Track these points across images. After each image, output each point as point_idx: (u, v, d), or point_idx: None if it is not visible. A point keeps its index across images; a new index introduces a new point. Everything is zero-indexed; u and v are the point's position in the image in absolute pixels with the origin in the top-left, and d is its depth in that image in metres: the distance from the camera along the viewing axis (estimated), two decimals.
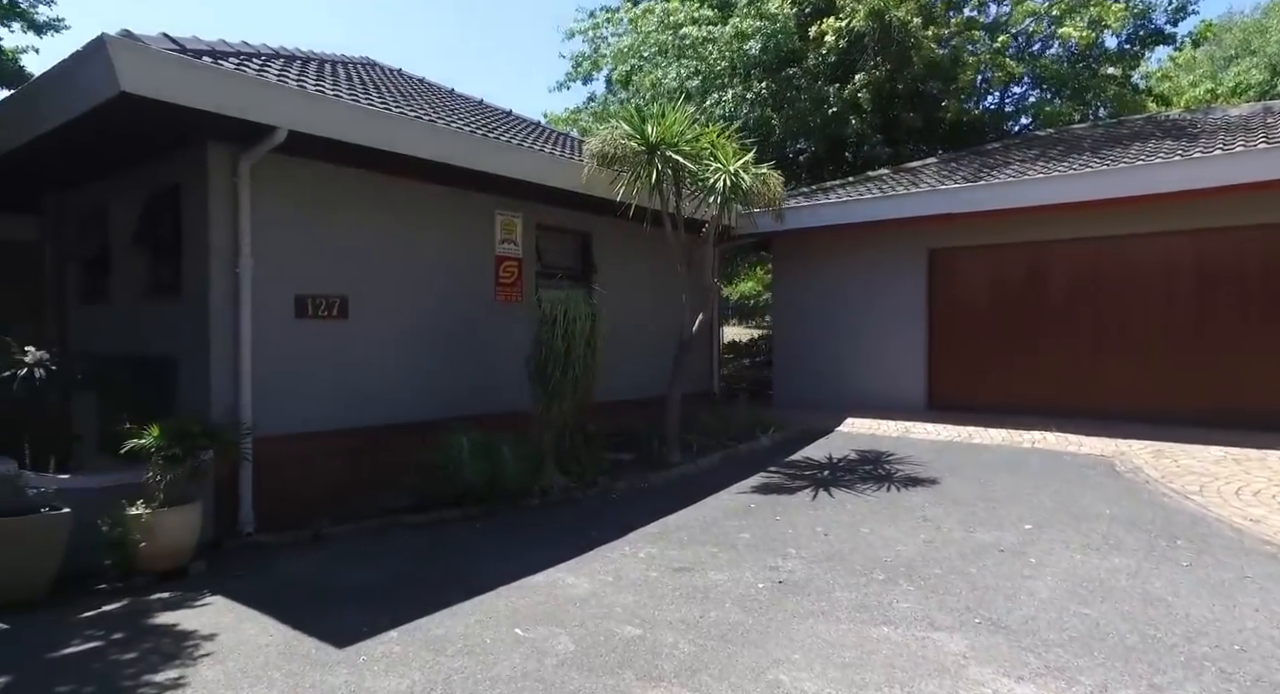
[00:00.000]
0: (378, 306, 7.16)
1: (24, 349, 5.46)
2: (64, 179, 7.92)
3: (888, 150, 13.29)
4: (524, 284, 8.69)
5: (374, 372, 7.13)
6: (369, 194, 7.10)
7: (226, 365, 6.10)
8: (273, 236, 6.33)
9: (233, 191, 6.11)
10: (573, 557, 5.37)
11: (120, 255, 7.35)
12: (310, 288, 6.66)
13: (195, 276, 6.22)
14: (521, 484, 6.86)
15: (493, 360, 8.26)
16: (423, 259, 7.59)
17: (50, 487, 4.99)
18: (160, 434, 5.14)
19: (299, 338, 6.57)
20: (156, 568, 5.12)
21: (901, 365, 10.64)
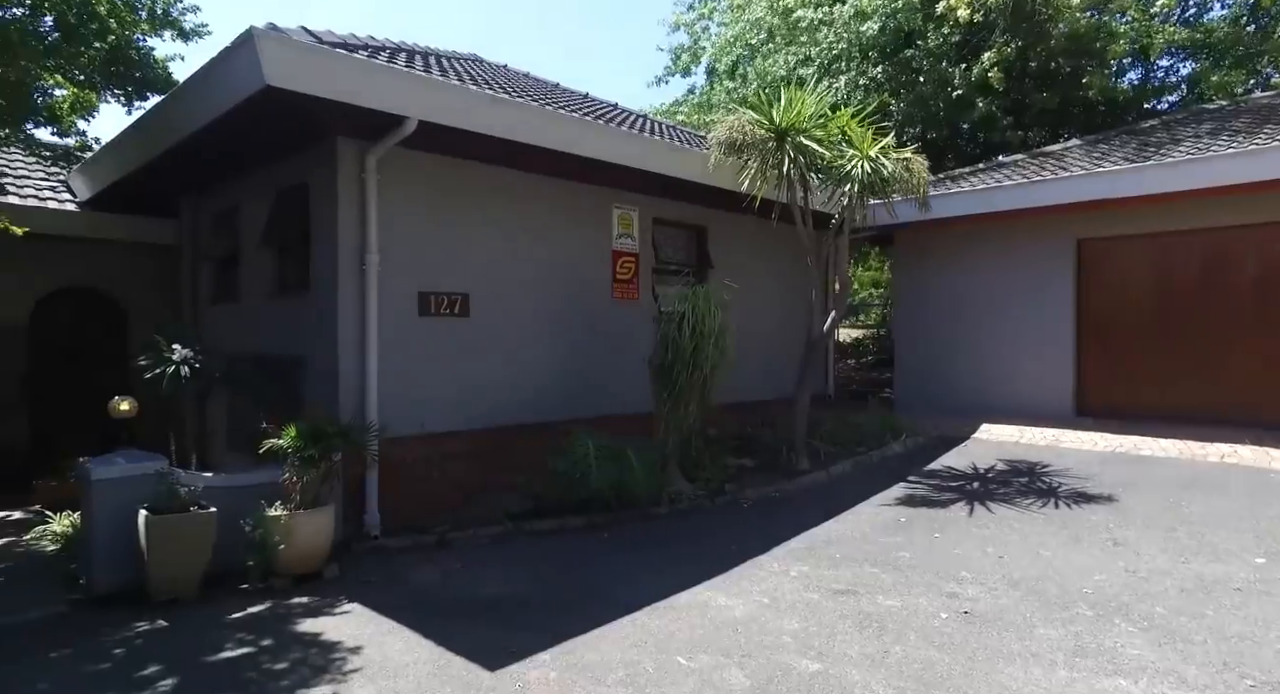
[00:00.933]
0: (497, 304, 6.95)
1: (171, 347, 5.48)
2: (200, 182, 8.11)
3: (1018, 134, 12.20)
4: (640, 281, 8.34)
5: (493, 371, 6.91)
6: (488, 188, 6.90)
7: (353, 364, 5.99)
8: (396, 232, 6.19)
9: (359, 187, 6.00)
10: (718, 573, 4.94)
11: (249, 255, 7.44)
12: (433, 285, 6.50)
13: (323, 273, 6.15)
14: (649, 491, 6.48)
15: (609, 360, 7.94)
16: (541, 255, 7.35)
17: (198, 485, 4.94)
18: (297, 435, 5.03)
19: (421, 336, 6.42)
20: (293, 570, 5.01)
21: (1044, 367, 9.68)
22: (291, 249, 7.04)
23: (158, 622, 4.40)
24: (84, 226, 8.62)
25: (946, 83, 12.13)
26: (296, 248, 6.92)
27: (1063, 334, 9.58)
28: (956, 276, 10.48)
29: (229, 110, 5.28)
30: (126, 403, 5.02)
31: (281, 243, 7.06)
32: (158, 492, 4.77)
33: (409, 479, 6.30)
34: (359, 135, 5.90)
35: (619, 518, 6.37)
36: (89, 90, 6.39)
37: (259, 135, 6.17)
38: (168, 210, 9.20)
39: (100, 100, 6.54)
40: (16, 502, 7.31)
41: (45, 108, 5.78)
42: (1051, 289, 9.64)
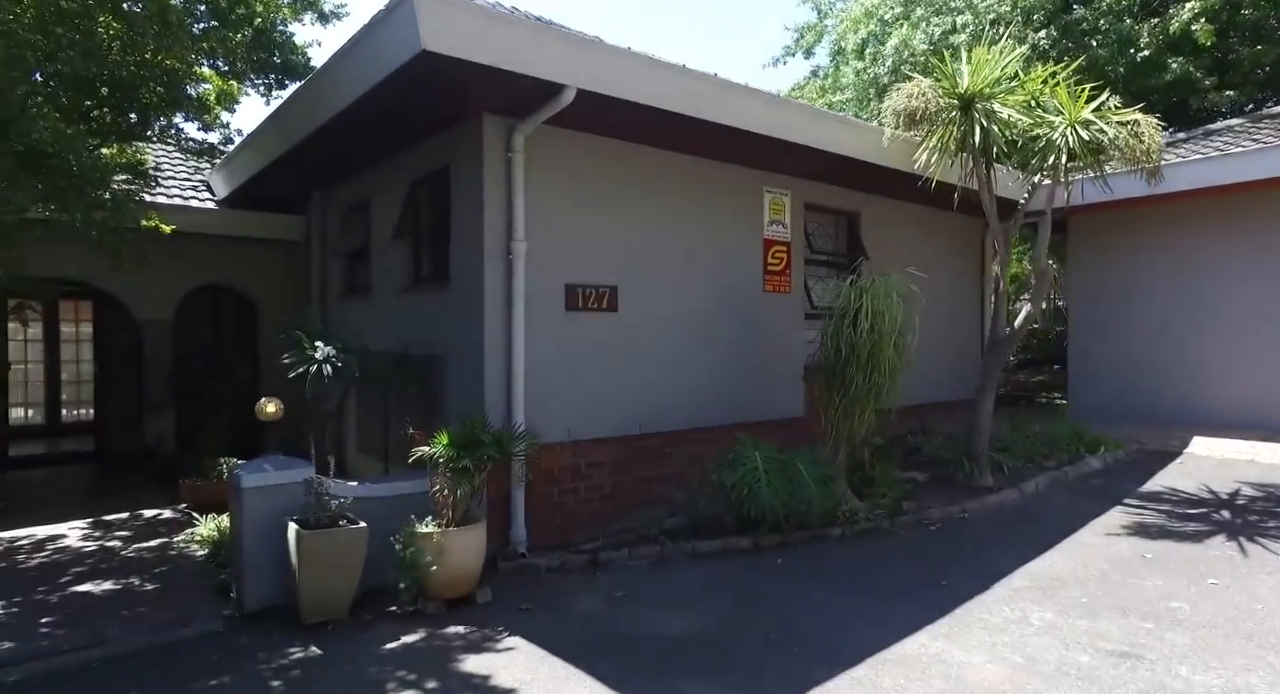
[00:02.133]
0: (644, 298, 6.30)
1: (314, 344, 5.12)
2: (329, 177, 7.89)
3: (1225, 96, 10.50)
4: (792, 272, 7.51)
5: (641, 372, 6.27)
6: (633, 170, 6.26)
7: (499, 363, 5.47)
8: (541, 219, 5.64)
9: (505, 168, 5.48)
10: (937, 615, 4.09)
11: (381, 249, 7.11)
12: (579, 276, 5.91)
13: (464, 265, 5.68)
14: (824, 510, 5.66)
15: (761, 360, 7.17)
16: (688, 244, 6.65)
17: (348, 495, 4.52)
18: (449, 443, 4.52)
19: (568, 333, 5.85)
20: (445, 594, 4.50)
21: (1276, 371, 8.16)
22: (427, 241, 6.65)
23: (311, 648, 3.96)
24: (222, 224, 8.61)
25: (1129, 43, 10.58)
26: (433, 239, 6.52)
27: None
28: (1150, 265, 9.07)
29: (375, 85, 4.84)
30: (273, 405, 4.66)
31: (415, 234, 6.68)
32: (306, 502, 4.37)
33: (555, 491, 5.75)
34: (506, 111, 5.38)
35: (788, 540, 5.60)
36: (233, 80, 6.20)
37: (398, 117, 5.75)
38: (296, 207, 9.13)
39: (241, 92, 6.34)
40: (166, 499, 7.26)
41: (194, 100, 5.51)
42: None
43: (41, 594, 4.72)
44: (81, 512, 6.78)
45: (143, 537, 5.99)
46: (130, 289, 8.48)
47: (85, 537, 6.02)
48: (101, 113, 5.41)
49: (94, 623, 4.22)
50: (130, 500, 7.24)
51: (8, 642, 4.00)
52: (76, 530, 6.20)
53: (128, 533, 6.10)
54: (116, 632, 4.10)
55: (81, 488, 7.91)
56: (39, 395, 11.24)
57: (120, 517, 6.61)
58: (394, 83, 4.75)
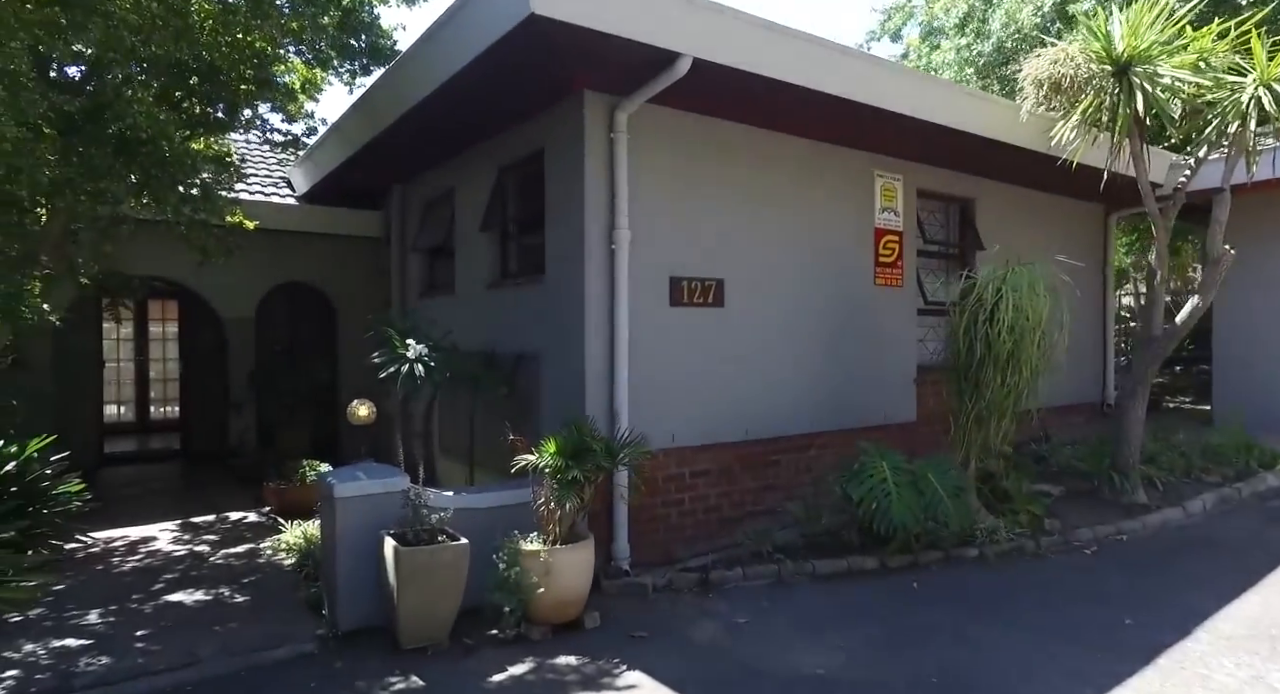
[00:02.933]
0: (751, 291, 5.77)
1: (405, 342, 4.78)
2: (409, 170, 7.62)
3: None
4: (904, 264, 6.86)
5: (747, 373, 5.74)
6: (739, 152, 5.73)
7: (601, 363, 5.04)
8: (644, 205, 5.17)
9: (608, 150, 5.04)
10: (1139, 666, 3.45)
11: (466, 242, 6.78)
12: (684, 268, 5.43)
13: (563, 255, 5.26)
14: (961, 527, 5.03)
15: (869, 359, 6.55)
16: (797, 235, 6.09)
17: (449, 507, 4.14)
18: (557, 451, 4.09)
19: (671, 329, 5.37)
20: (550, 618, 4.08)
21: None
22: (517, 232, 6.28)
23: (411, 678, 3.59)
24: (302, 220, 8.48)
25: None
26: (524, 230, 6.15)
27: None
28: None
29: (473, 59, 4.46)
30: (365, 407, 4.34)
31: (503, 226, 6.31)
32: (404, 515, 4.01)
33: (658, 501, 5.28)
34: (609, 88, 4.94)
35: (919, 560, 5.00)
36: (317, 67, 5.96)
37: (491, 98, 5.37)
38: (374, 203, 8.94)
39: (324, 80, 6.09)
40: (250, 500, 7.11)
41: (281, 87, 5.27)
42: None
43: (136, 603, 4.52)
44: (170, 513, 6.67)
45: (230, 541, 5.79)
46: (214, 287, 8.41)
47: (175, 540, 5.86)
48: (191, 104, 5.20)
49: (187, 639, 3.96)
50: (215, 501, 7.12)
51: (105, 657, 3.78)
52: (166, 533, 6.06)
53: (215, 537, 5.92)
54: (209, 651, 3.82)
55: (169, 487, 7.87)
56: (130, 393, 11.44)
57: (207, 519, 6.46)
58: (493, 56, 4.36)
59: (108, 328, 10.92)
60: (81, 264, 4.77)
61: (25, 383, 6.76)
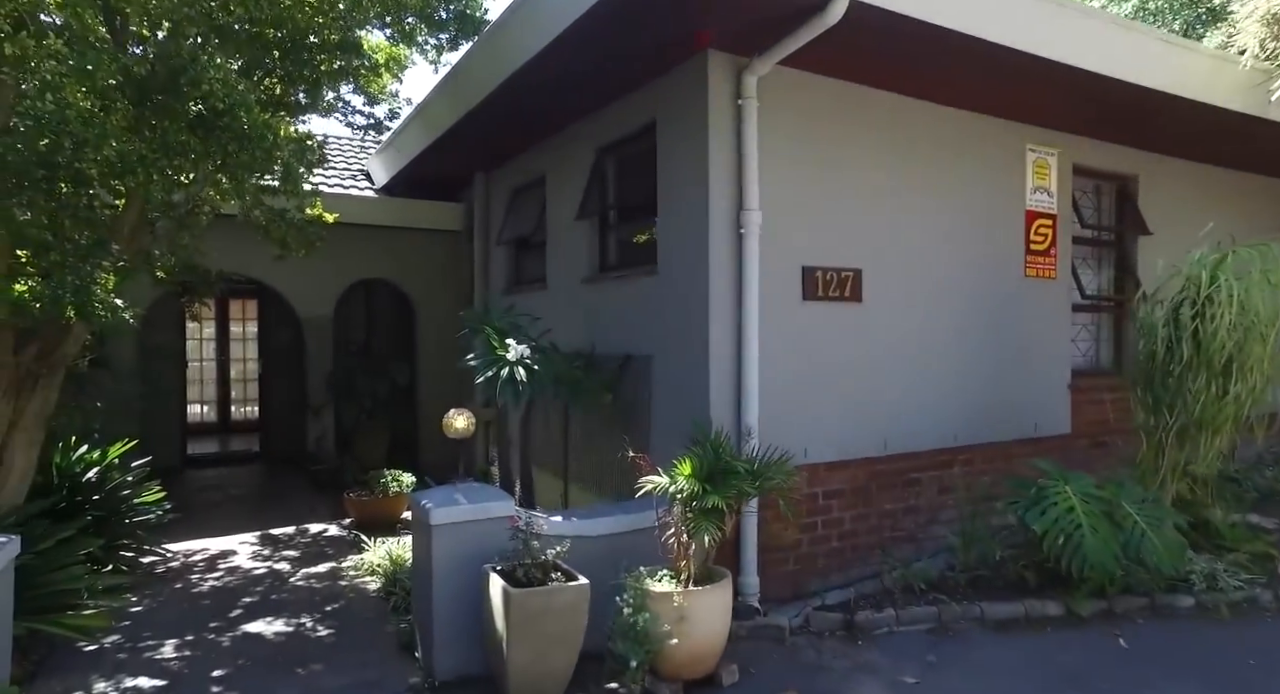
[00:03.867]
0: (891, 285, 4.97)
1: (504, 342, 4.18)
2: (493, 157, 7.08)
3: None
4: (1058, 252, 5.91)
5: (885, 378, 4.95)
6: (877, 123, 4.94)
7: (727, 365, 4.34)
8: (774, 184, 4.44)
9: (734, 119, 4.34)
10: None
11: (558, 232, 6.17)
12: (818, 257, 4.67)
13: (680, 243, 4.58)
14: (1173, 570, 4.12)
15: (1021, 362, 5.65)
16: (940, 218, 5.25)
17: (562, 535, 3.52)
18: (691, 473, 3.41)
19: (804, 328, 4.63)
20: (683, 673, 3.41)
21: None
22: (621, 218, 5.64)
23: None
24: (381, 213, 8.08)
25: None
26: (629, 216, 5.50)
27: None
28: None
29: (581, 16, 3.83)
30: (463, 418, 3.76)
31: (603, 213, 5.67)
32: (513, 547, 3.39)
33: (788, 528, 4.54)
34: (735, 47, 4.26)
35: (1115, 608, 4.12)
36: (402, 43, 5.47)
37: (594, 68, 4.75)
38: (452, 195, 8.47)
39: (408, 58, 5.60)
40: (328, 510, 6.71)
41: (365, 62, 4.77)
42: None
43: (214, 633, 4.07)
44: (249, 523, 6.32)
45: (310, 558, 5.34)
46: (292, 284, 8.09)
47: (254, 555, 5.45)
48: (271, 83, 4.76)
49: (266, 684, 3.45)
50: (294, 510, 6.75)
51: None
52: (246, 546, 5.66)
53: (295, 553, 5.48)
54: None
55: (248, 493, 7.58)
56: (212, 393, 11.38)
57: (286, 531, 6.06)
58: (606, 7, 3.71)
59: (191, 327, 10.87)
60: (158, 256, 4.37)
61: (108, 384, 6.52)
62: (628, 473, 5.10)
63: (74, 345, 4.12)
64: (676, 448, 4.36)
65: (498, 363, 4.11)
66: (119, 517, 4.96)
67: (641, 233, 5.20)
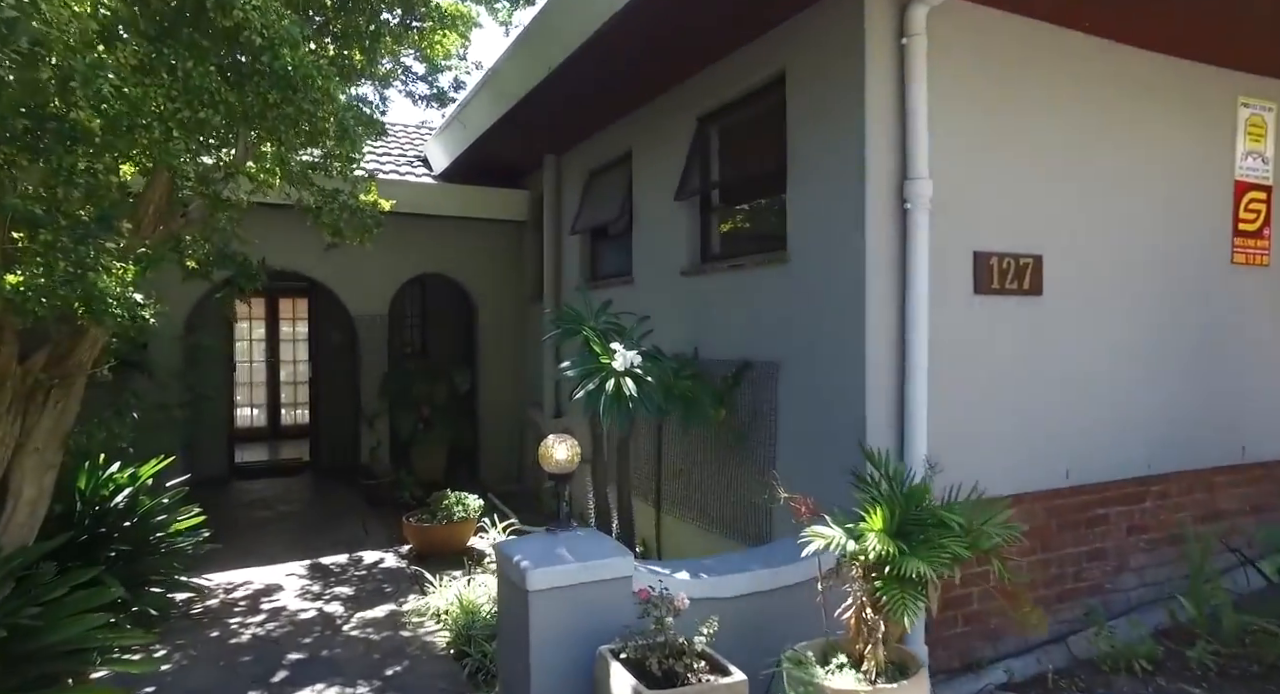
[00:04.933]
0: (1074, 273, 3.96)
1: (609, 347, 3.32)
2: (569, 134, 6.26)
3: None
4: (1272, 232, 4.79)
5: (1068, 389, 3.95)
6: (1063, 71, 3.94)
7: (886, 377, 3.41)
8: (941, 147, 3.49)
9: (896, 63, 3.41)
10: None
11: (650, 216, 5.31)
12: (992, 239, 3.71)
13: (821, 222, 3.67)
14: None
15: (1226, 369, 4.56)
16: (1131, 190, 4.21)
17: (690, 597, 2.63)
18: (883, 526, 2.49)
19: (974, 328, 3.67)
20: None
21: None
22: (731, 196, 4.75)
23: None
24: (440, 201, 7.34)
25: None
26: (746, 193, 4.61)
27: None
28: None
29: None
30: (564, 446, 2.91)
31: (704, 192, 4.78)
32: (639, 624, 2.52)
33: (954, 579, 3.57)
34: None
35: None
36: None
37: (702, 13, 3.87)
38: (516, 183, 7.70)
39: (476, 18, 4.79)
40: (385, 535, 5.97)
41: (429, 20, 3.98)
42: None
43: None
44: (297, 547, 5.62)
45: (366, 598, 4.58)
46: (344, 280, 7.42)
47: (302, 591, 4.72)
48: (323, 45, 4.00)
49: None
50: (346, 534, 6.03)
51: None
52: (293, 579, 4.94)
53: (348, 590, 4.73)
54: None
55: (297, 510, 6.91)
56: (261, 396, 10.86)
57: (338, 560, 5.33)
58: None
59: (241, 327, 10.36)
60: (189, 243, 3.65)
61: (148, 391, 5.90)
62: (741, 503, 4.24)
63: (90, 350, 3.41)
64: (808, 476, 3.48)
65: (600, 373, 3.25)
66: (151, 549, 4.27)
67: (758, 215, 4.31)
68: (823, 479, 3.51)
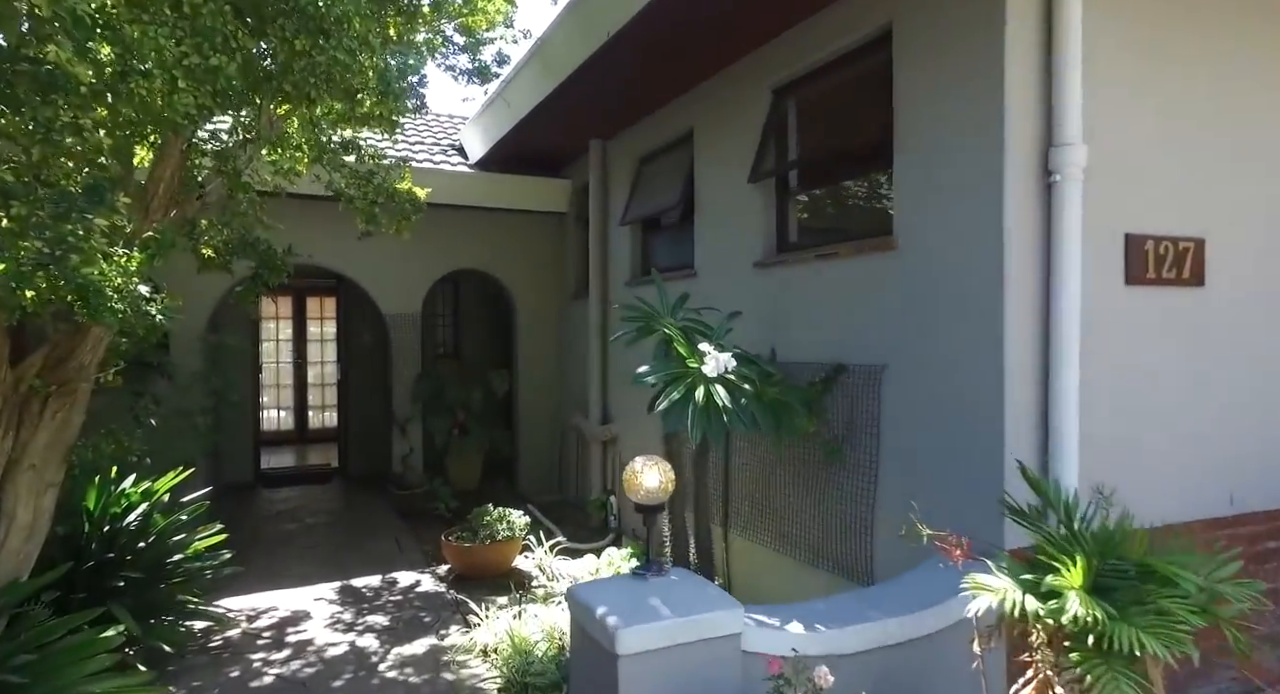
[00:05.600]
0: (1241, 258, 3.34)
1: (696, 351, 2.78)
2: (619, 116, 5.74)
3: None
4: None
5: (1236, 400, 3.33)
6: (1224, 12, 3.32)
7: (1028, 385, 2.83)
8: (1091, 108, 2.89)
9: (1043, 14, 2.83)
10: None
11: (716, 202, 4.78)
12: (1145, 219, 3.11)
13: (940, 200, 3.10)
14: None
15: None
16: None
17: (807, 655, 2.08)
18: (1083, 582, 1.92)
19: (1126, 325, 3.07)
20: None
21: None
22: (817, 174, 4.18)
23: None
24: (477, 192, 6.85)
25: None
26: (837, 170, 4.04)
27: None
28: None
29: None
30: (653, 474, 2.38)
31: (781, 173, 4.22)
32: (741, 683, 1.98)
33: None
34: None
35: None
36: None
37: None
38: (556, 174, 7.20)
39: None
40: (420, 552, 5.49)
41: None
42: None
43: None
44: (327, 566, 5.15)
45: (403, 630, 4.08)
46: (376, 276, 6.96)
47: (333, 620, 4.24)
48: None
49: None
50: (379, 550, 5.56)
51: None
52: (323, 604, 4.47)
53: (383, 619, 4.24)
54: None
55: (326, 521, 6.46)
56: (288, 399, 10.49)
57: (370, 583, 4.84)
58: None
59: (269, 327, 10.01)
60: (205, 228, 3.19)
61: (166, 396, 5.48)
62: (832, 527, 3.68)
63: (93, 352, 2.94)
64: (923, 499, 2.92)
65: (687, 379, 2.70)
66: (166, 573, 3.81)
67: (848, 197, 3.74)
68: (944, 504, 2.95)
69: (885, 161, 3.39)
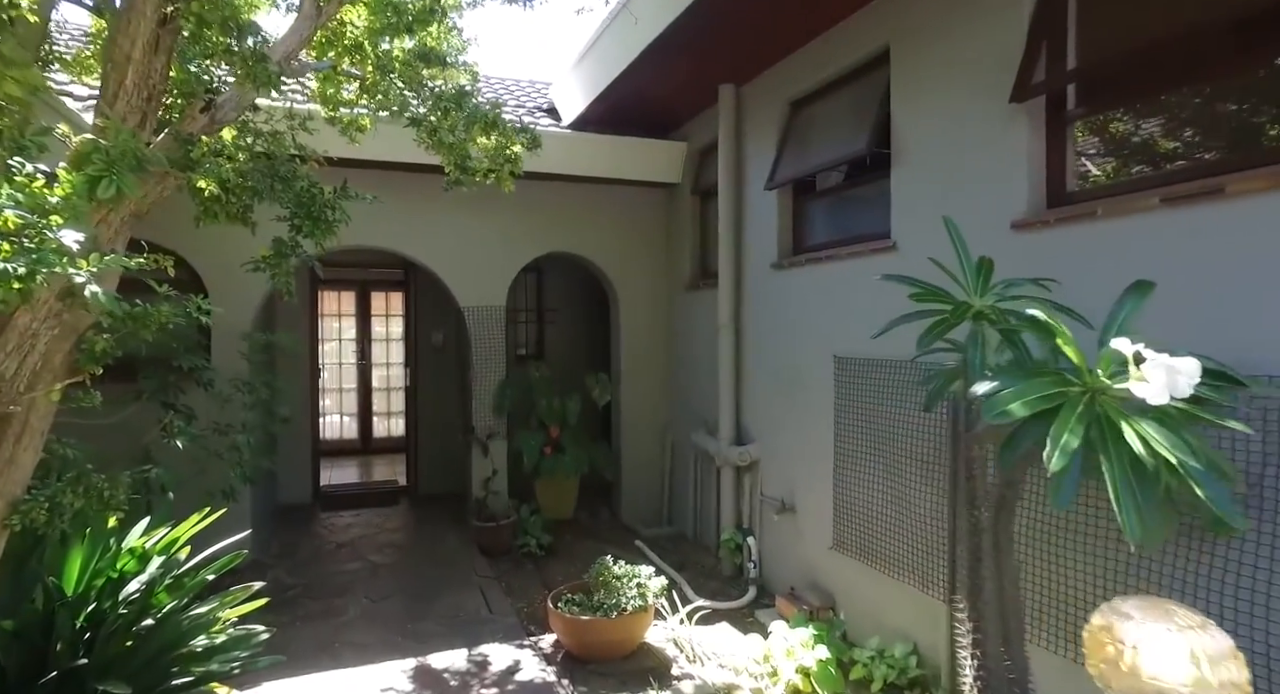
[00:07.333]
0: None
1: (1119, 356, 1.41)
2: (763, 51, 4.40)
3: None
4: None
5: None
6: None
7: None
8: None
9: None
10: None
11: (931, 142, 3.40)
12: None
13: None
14: None
15: None
16: None
17: None
18: None
19: None
20: None
21: None
22: (1084, 98, 2.74)
23: None
24: (577, 156, 5.60)
25: None
26: (1139, 81, 2.59)
27: None
28: None
29: None
30: (1184, 644, 1.01)
31: (1056, 86, 2.79)
32: None
33: None
34: None
35: None
36: None
37: None
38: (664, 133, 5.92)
39: None
40: (511, 608, 4.26)
41: None
42: None
43: None
44: (394, 632, 3.97)
45: None
46: (452, 263, 5.79)
47: None
48: None
49: None
50: (459, 604, 4.37)
51: None
52: None
53: None
54: None
55: (393, 561, 5.32)
56: (351, 404, 9.52)
57: (452, 662, 3.62)
58: None
59: (330, 326, 9.07)
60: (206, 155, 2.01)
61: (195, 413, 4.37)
62: None
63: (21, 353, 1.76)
64: None
65: (1077, 406, 1.34)
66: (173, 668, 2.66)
67: (1180, 112, 2.29)
68: None
69: (1266, 54, 1.95)
